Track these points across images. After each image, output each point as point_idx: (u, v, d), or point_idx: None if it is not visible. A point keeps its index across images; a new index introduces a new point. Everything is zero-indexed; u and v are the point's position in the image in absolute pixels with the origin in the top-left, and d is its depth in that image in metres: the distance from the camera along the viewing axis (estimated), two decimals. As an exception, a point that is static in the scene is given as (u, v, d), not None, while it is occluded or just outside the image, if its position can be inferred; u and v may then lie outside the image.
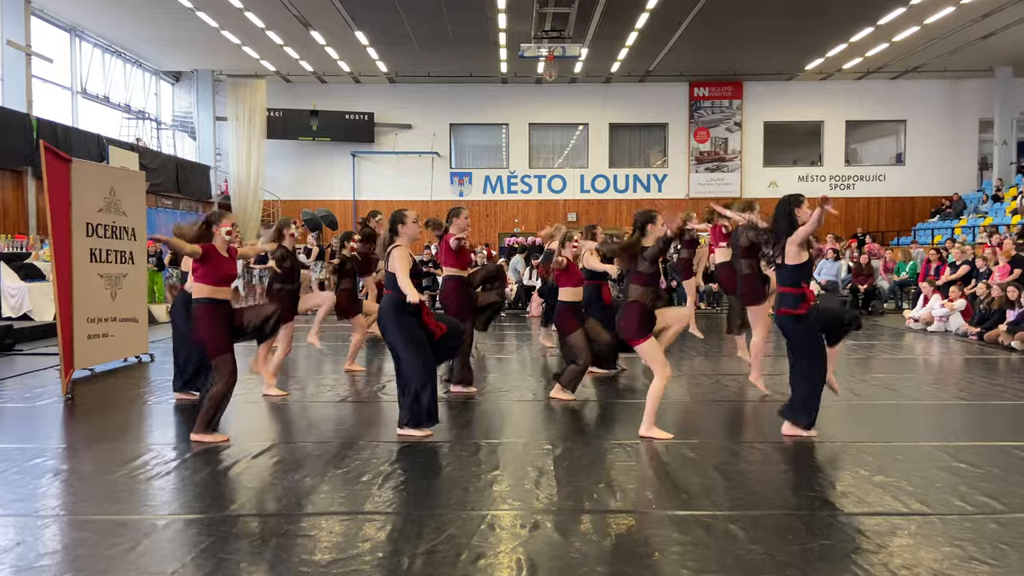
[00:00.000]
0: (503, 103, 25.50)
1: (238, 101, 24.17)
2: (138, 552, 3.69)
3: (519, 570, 3.48)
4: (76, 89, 20.15)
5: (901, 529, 3.95)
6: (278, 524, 4.05)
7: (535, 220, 25.25)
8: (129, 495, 4.54)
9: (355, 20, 18.69)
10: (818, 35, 20.27)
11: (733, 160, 25.53)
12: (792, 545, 3.73)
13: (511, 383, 8.13)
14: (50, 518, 4.20)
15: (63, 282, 7.73)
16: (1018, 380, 8.36)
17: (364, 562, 3.56)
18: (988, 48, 21.16)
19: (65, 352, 7.60)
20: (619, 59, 22.10)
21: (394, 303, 5.71)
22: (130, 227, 8.93)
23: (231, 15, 18.24)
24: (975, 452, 5.31)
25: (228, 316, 5.75)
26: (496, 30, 19.19)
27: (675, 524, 4.02)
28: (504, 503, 4.37)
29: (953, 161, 25.33)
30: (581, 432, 6.10)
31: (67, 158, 7.98)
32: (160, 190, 20.75)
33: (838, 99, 25.34)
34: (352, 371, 8.80)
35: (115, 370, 9.03)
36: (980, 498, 4.38)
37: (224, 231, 5.75)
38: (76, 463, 5.26)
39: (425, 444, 5.57)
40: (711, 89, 25.40)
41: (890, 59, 22.44)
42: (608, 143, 25.85)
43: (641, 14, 17.98)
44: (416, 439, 5.66)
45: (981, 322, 12.00)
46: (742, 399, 7.36)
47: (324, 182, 25.56)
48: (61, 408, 7.02)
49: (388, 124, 25.41)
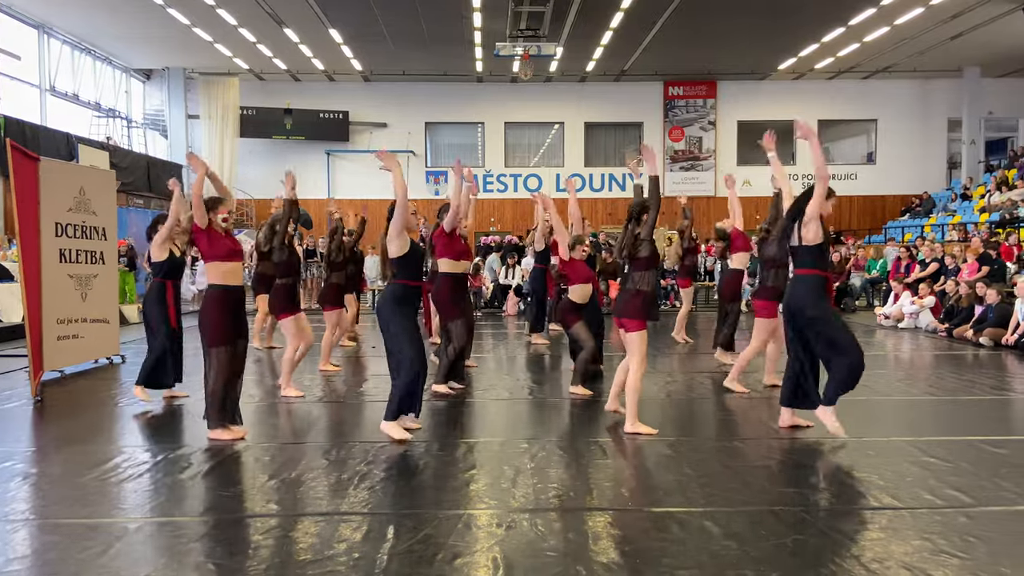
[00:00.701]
0: (478, 102, 25.48)
1: (211, 99, 23.95)
2: (110, 556, 3.64)
3: (496, 569, 3.48)
4: (44, 87, 19.84)
5: (872, 523, 4.01)
6: (253, 526, 4.02)
7: (511, 219, 25.27)
8: (100, 498, 4.48)
9: (329, 18, 18.58)
10: (791, 35, 20.48)
11: (708, 159, 25.71)
12: (766, 541, 3.76)
13: (487, 382, 8.12)
14: (20, 522, 4.14)
15: (32, 283, 7.61)
16: (986, 376, 8.50)
17: (340, 563, 3.54)
18: (956, 49, 21.50)
19: (34, 354, 7.47)
20: (594, 58, 22.17)
21: (395, 292, 5.66)
22: (100, 227, 8.81)
23: (203, 12, 18.05)
24: (944, 447, 5.39)
25: (236, 306, 5.75)
26: (471, 28, 19.16)
27: (650, 521, 4.04)
28: (481, 502, 4.37)
29: (923, 160, 25.71)
30: (557, 430, 6.11)
31: (35, 157, 7.85)
32: (131, 189, 20.50)
33: (810, 98, 25.59)
34: (326, 371, 8.75)
35: (85, 372, 8.90)
36: (949, 492, 4.44)
37: (220, 217, 5.80)
38: (46, 466, 5.17)
39: (399, 443, 5.55)
40: (685, 88, 25.56)
41: (861, 59, 22.72)
42: (584, 142, 25.93)
43: (616, 13, 18.05)
44: (396, 440, 5.59)
45: (950, 318, 12.19)
46: (717, 397, 7.41)
47: (298, 181, 25.21)
48: (30, 411, 6.91)
49: (363, 123, 25.29)
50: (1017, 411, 6.96)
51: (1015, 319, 10.59)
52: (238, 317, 5.76)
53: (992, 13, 18.47)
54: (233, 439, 5.65)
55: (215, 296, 5.69)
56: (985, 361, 9.62)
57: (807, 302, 5.41)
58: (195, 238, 5.75)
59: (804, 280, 5.51)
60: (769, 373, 7.66)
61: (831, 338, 5.38)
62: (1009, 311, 10.80)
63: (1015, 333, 10.47)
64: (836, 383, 5.44)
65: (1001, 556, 3.57)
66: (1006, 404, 7.16)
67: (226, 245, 5.75)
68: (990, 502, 4.28)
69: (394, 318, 5.61)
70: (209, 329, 5.63)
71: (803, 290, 5.47)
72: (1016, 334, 10.44)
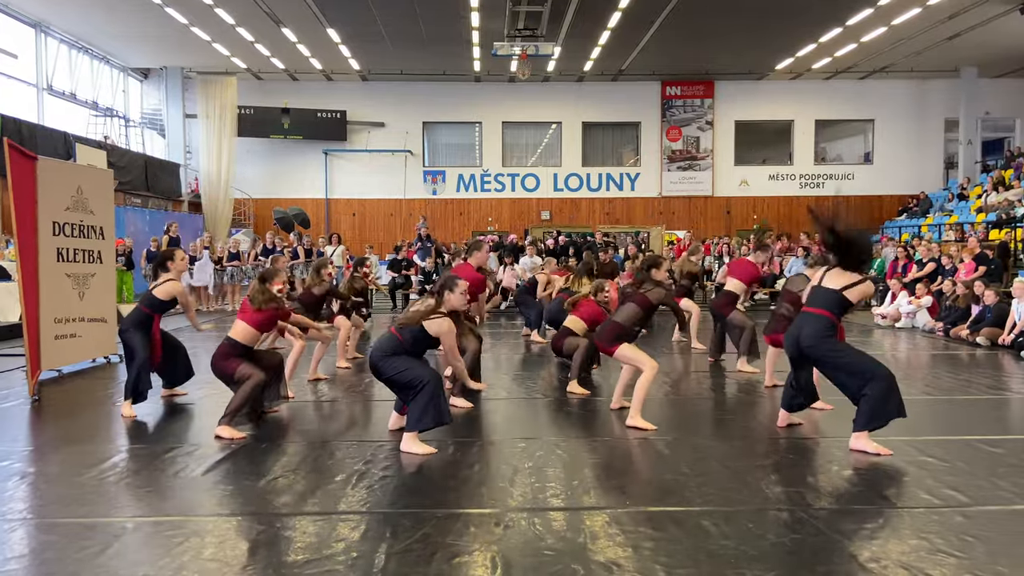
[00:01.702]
0: (476, 101, 25.48)
1: (208, 98, 23.91)
2: (107, 555, 3.64)
3: (494, 568, 3.49)
4: (42, 86, 19.81)
5: (869, 523, 4.02)
6: (251, 525, 4.02)
7: (508, 219, 25.29)
8: (98, 497, 4.47)
9: (327, 17, 18.57)
10: (788, 35, 20.50)
11: (705, 159, 25.73)
12: (763, 540, 3.77)
13: (485, 381, 8.11)
14: (17, 521, 4.13)
15: (29, 282, 7.60)
16: (983, 375, 8.52)
17: (338, 562, 3.54)
18: (954, 49, 21.53)
19: (32, 353, 7.46)
20: (592, 58, 22.17)
21: (390, 348, 5.41)
22: (98, 226, 8.80)
23: (200, 11, 18.03)
24: (941, 446, 5.40)
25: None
26: (469, 28, 19.16)
27: (648, 520, 4.05)
28: (478, 501, 4.37)
29: (919, 160, 25.75)
30: (554, 430, 6.11)
31: (33, 156, 7.84)
32: (129, 188, 20.47)
33: (808, 98, 25.64)
34: (317, 379, 8.53)
35: (83, 371, 8.90)
36: (946, 491, 4.45)
37: (276, 289, 6.24)
38: (43, 465, 5.17)
39: (398, 443, 5.55)
40: (683, 88, 25.58)
41: (858, 59, 22.75)
42: (581, 142, 25.94)
43: (614, 13, 18.06)
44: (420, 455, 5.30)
45: (947, 318, 12.21)
46: (715, 396, 7.42)
47: (296, 180, 25.36)
48: (28, 410, 6.91)
49: (361, 122, 25.29)
50: (1014, 411, 6.97)
51: (1012, 319, 10.62)
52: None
53: (989, 13, 18.50)
54: (232, 438, 5.68)
55: (233, 348, 6.09)
56: (982, 361, 9.64)
57: (816, 341, 5.23)
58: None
59: (816, 319, 5.31)
60: (769, 374, 7.66)
61: (850, 365, 5.21)
62: (1006, 311, 10.82)
63: (1012, 333, 10.49)
64: (871, 410, 5.16)
65: (998, 555, 3.58)
66: (1003, 404, 7.17)
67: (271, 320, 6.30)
68: (987, 501, 4.29)
69: (386, 361, 5.35)
70: (231, 374, 6.02)
71: (811, 329, 5.28)
72: (1013, 334, 10.46)
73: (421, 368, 5.34)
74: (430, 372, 5.34)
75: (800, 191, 25.86)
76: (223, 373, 6.04)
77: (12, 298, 11.83)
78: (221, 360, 6.01)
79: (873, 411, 5.15)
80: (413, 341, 5.36)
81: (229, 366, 5.98)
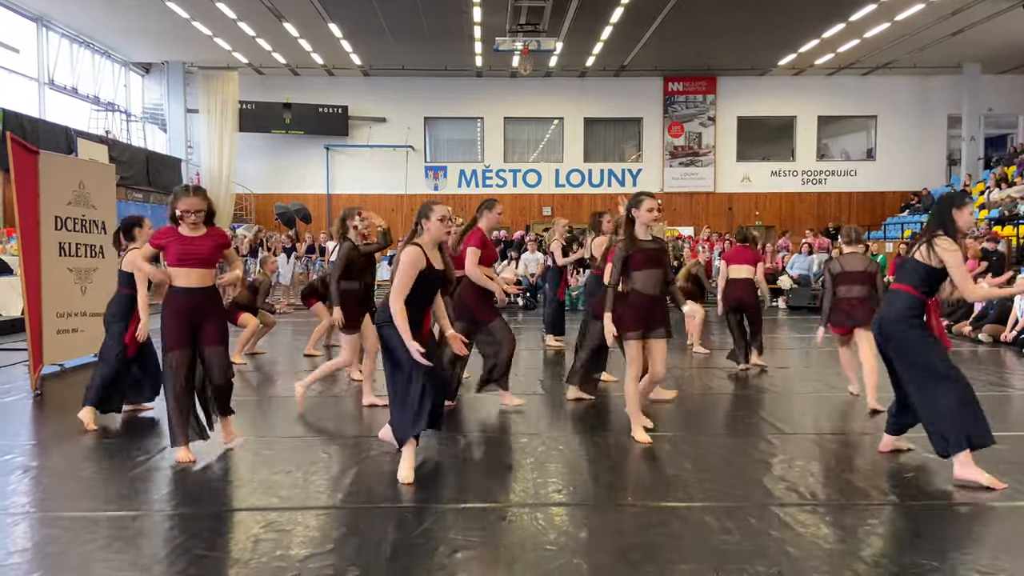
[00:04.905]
0: (478, 97, 25.44)
1: (210, 93, 23.89)
2: (111, 549, 3.65)
3: (496, 563, 3.49)
4: (43, 80, 19.80)
5: (871, 518, 4.02)
6: (253, 519, 4.03)
7: (510, 214, 25.21)
8: (101, 491, 4.49)
9: (328, 12, 18.54)
10: (790, 31, 20.45)
11: (707, 155, 25.69)
12: (765, 536, 3.77)
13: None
14: (20, 515, 4.14)
15: (31, 276, 7.60)
16: (985, 372, 8.51)
17: (341, 556, 3.55)
18: (956, 45, 21.47)
19: (34, 347, 7.47)
20: (594, 53, 22.13)
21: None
22: (100, 220, 8.79)
23: (202, 6, 18.01)
24: (943, 442, 5.39)
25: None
26: (471, 23, 19.13)
27: (650, 515, 4.05)
28: (481, 496, 4.37)
29: (922, 156, 25.69)
30: (556, 426, 6.12)
31: (34, 150, 7.84)
32: (130, 183, 20.45)
33: (810, 95, 25.58)
34: (312, 355, 9.44)
35: (85, 365, 8.87)
36: (948, 488, 4.45)
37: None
38: (46, 460, 5.18)
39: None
40: (685, 84, 25.53)
41: (861, 55, 22.69)
42: (583, 137, 25.90)
43: (616, 8, 18.01)
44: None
45: (949, 315, 12.19)
46: (718, 393, 7.42)
47: (297, 175, 25.34)
48: (30, 404, 6.92)
49: (362, 117, 25.26)
50: (1015, 407, 6.98)
51: (1014, 315, 10.61)
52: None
53: (992, 10, 18.45)
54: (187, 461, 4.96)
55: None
56: (984, 357, 9.63)
57: (897, 320, 4.71)
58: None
59: (899, 296, 4.76)
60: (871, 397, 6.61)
61: (925, 365, 4.72)
62: (1009, 307, 10.81)
63: (1014, 330, 10.48)
64: (950, 423, 4.51)
65: (1001, 552, 3.58)
66: (1005, 400, 7.17)
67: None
68: (989, 498, 4.29)
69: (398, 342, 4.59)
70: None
71: (894, 308, 4.74)
72: (1015, 331, 10.45)
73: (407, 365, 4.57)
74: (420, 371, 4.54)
75: (802, 187, 25.83)
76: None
77: (14, 292, 11.85)
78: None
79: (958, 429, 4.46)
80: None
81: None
